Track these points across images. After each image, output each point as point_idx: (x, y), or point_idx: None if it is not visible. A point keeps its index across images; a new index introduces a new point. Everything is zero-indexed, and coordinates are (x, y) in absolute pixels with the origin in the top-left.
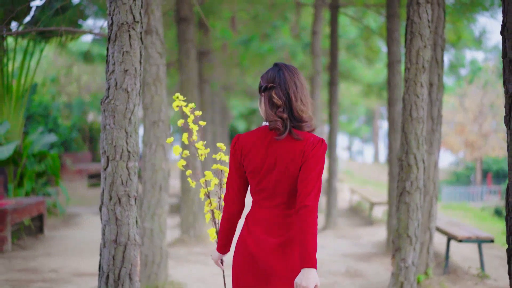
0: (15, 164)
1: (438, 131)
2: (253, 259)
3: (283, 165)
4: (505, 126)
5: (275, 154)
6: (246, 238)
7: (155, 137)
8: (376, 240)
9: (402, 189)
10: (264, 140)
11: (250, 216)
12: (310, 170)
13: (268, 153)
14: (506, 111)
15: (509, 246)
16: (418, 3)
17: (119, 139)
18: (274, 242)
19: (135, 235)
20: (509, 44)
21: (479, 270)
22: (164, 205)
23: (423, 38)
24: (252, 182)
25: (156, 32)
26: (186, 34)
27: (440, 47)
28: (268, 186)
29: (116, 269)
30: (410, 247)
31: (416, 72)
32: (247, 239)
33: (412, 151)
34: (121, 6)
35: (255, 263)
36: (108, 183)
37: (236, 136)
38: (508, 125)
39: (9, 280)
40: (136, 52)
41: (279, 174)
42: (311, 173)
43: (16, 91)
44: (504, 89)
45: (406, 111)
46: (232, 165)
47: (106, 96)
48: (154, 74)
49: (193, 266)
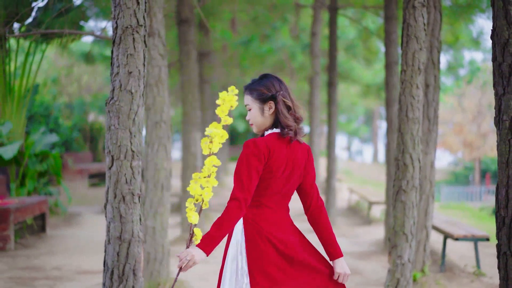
0: (17, 164)
1: (435, 131)
2: (288, 257)
3: (301, 169)
4: (495, 126)
5: (292, 158)
6: (271, 240)
7: (158, 137)
8: (374, 239)
9: (398, 187)
10: (282, 145)
11: (261, 218)
12: (314, 171)
13: (288, 157)
14: (496, 112)
15: (499, 241)
16: (414, 7)
17: (124, 139)
18: (297, 240)
19: (139, 232)
20: (498, 49)
21: (475, 268)
22: (166, 204)
23: (419, 41)
24: (271, 185)
25: (158, 35)
26: (186, 36)
27: (437, 49)
28: (287, 189)
29: (120, 264)
30: (406, 244)
31: (412, 74)
32: (274, 242)
33: (408, 150)
34: (125, 10)
35: (292, 261)
36: (113, 182)
37: (260, 140)
38: (498, 125)
39: (13, 277)
40: (140, 54)
41: (298, 178)
42: (314, 174)
43: (18, 91)
44: (494, 91)
45: (402, 112)
46: (254, 168)
47: (111, 98)
48: (156, 76)
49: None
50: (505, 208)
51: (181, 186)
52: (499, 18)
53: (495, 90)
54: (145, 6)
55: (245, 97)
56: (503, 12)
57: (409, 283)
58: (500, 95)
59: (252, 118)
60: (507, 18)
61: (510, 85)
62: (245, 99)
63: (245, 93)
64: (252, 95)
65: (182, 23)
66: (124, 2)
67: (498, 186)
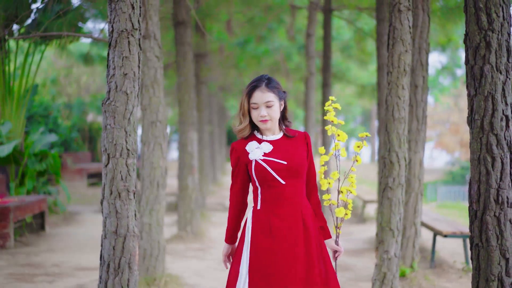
0: (16, 163)
1: (423, 131)
2: None
3: None
4: (468, 126)
5: None
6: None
7: (153, 137)
8: (366, 237)
9: (385, 185)
10: None
11: None
12: None
13: None
14: (469, 112)
15: (471, 234)
16: (399, 10)
17: (119, 138)
18: None
19: (134, 227)
20: (470, 52)
21: (464, 264)
22: (162, 201)
23: (405, 43)
24: None
25: (154, 37)
26: (183, 37)
27: (425, 51)
28: None
29: (116, 258)
30: (393, 240)
31: (398, 75)
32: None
33: (394, 149)
34: (121, 14)
35: None
36: (109, 179)
37: None
38: (471, 125)
39: (13, 274)
40: (134, 57)
41: None
42: None
43: (17, 91)
44: (467, 92)
45: (389, 112)
46: None
47: (107, 98)
48: (152, 77)
49: (190, 261)
50: (477, 202)
51: (178, 185)
52: (471, 23)
53: (467, 91)
54: (140, 11)
55: (266, 94)
56: (474, 18)
57: (396, 277)
58: (472, 96)
59: (273, 114)
60: (478, 24)
61: (481, 87)
62: (267, 96)
63: (266, 91)
64: (274, 92)
65: (179, 25)
66: (119, 7)
67: (471, 181)
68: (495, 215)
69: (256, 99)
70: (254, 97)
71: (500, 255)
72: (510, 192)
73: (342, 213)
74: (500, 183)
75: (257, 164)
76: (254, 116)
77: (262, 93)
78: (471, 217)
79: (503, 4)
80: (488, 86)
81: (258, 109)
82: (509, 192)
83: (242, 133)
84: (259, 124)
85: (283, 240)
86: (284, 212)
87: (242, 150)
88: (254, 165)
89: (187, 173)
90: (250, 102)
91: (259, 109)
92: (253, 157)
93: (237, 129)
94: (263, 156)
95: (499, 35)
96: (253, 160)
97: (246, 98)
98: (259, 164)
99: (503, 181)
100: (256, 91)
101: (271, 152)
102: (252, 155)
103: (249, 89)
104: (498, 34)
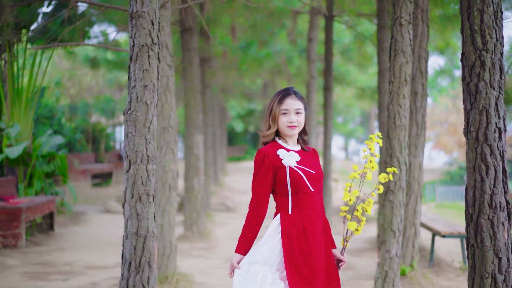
0: (25, 165)
1: (423, 136)
2: None
3: None
4: (464, 137)
5: None
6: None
7: (165, 142)
8: (367, 237)
9: (387, 188)
10: None
11: None
12: None
13: None
14: (465, 124)
15: (467, 235)
16: (401, 24)
17: (140, 145)
18: None
19: (153, 229)
20: (467, 70)
21: (462, 263)
22: (173, 203)
23: (405, 55)
24: None
25: (166, 46)
26: (189, 43)
27: (424, 59)
28: None
29: (137, 257)
30: (394, 240)
31: (399, 85)
32: None
33: (396, 155)
34: (141, 30)
35: None
36: (130, 183)
37: None
38: (467, 136)
39: (27, 272)
40: (154, 69)
41: None
42: None
43: (25, 94)
44: (464, 106)
45: (390, 119)
46: None
47: (128, 108)
48: (164, 85)
49: (196, 260)
50: (472, 207)
51: (184, 186)
52: (467, 44)
53: (464, 105)
54: (159, 26)
55: (297, 102)
56: (470, 39)
57: (397, 275)
58: (468, 110)
59: (301, 122)
60: (473, 45)
61: (476, 102)
62: (297, 103)
63: (296, 99)
64: (302, 102)
65: (186, 31)
66: (140, 23)
67: (467, 187)
68: (489, 218)
69: (287, 105)
70: (286, 103)
71: (494, 254)
72: (503, 198)
73: (353, 227)
74: (494, 189)
75: (292, 171)
76: (282, 122)
77: (293, 100)
78: (467, 220)
79: (496, 26)
80: (482, 101)
81: (287, 115)
82: (502, 197)
83: (267, 138)
84: (286, 130)
85: (314, 244)
86: (314, 217)
87: (274, 156)
88: (289, 171)
89: (193, 174)
90: (281, 108)
91: (288, 115)
92: (288, 163)
93: (265, 134)
94: (297, 163)
95: (492, 54)
96: (287, 166)
97: (278, 104)
98: (294, 171)
99: (496, 188)
100: (288, 98)
101: (301, 161)
102: (286, 161)
103: (281, 96)
104: (491, 54)
